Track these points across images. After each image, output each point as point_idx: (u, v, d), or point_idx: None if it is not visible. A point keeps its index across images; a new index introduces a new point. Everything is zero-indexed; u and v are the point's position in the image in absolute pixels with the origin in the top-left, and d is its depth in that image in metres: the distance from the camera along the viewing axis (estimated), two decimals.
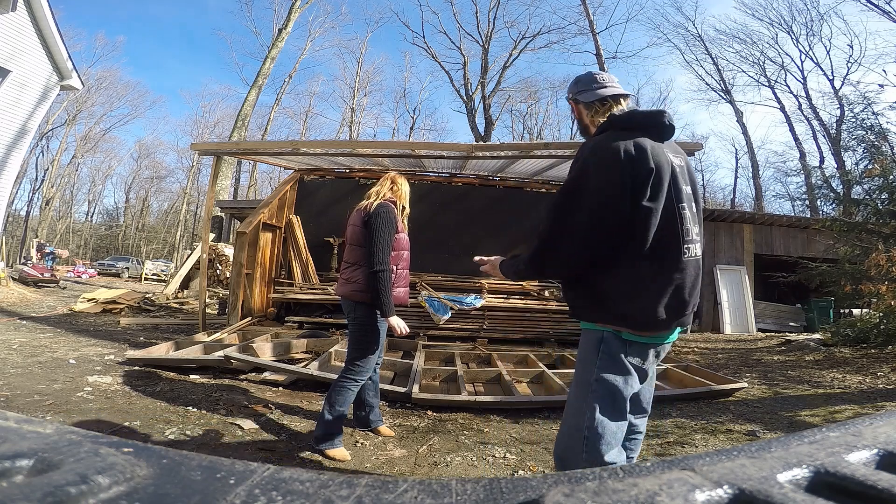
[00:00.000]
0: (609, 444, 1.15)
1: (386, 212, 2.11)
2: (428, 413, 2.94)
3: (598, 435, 1.14)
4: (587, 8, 21.88)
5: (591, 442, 1.14)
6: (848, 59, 22.32)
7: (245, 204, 13.45)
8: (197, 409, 2.73)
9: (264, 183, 33.79)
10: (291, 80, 28.95)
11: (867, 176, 6.32)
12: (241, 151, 6.58)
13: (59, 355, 3.90)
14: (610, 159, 1.11)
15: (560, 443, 1.25)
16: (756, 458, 0.28)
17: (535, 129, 32.77)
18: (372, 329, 2.14)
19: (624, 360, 1.18)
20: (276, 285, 6.17)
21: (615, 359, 1.19)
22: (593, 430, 1.14)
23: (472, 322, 5.63)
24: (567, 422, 1.23)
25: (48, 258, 14.04)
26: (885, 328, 5.34)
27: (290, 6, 18.97)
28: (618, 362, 1.18)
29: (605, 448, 1.14)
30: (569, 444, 1.20)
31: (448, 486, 0.25)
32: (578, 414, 1.18)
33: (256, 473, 0.25)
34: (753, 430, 2.75)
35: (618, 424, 1.17)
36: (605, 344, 1.19)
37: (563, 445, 1.23)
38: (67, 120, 30.04)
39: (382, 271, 2.04)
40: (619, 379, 1.18)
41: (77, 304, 7.40)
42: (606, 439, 1.14)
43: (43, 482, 0.22)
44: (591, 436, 1.14)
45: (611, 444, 1.15)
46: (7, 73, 9.20)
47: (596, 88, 1.30)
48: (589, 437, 1.14)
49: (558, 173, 6.46)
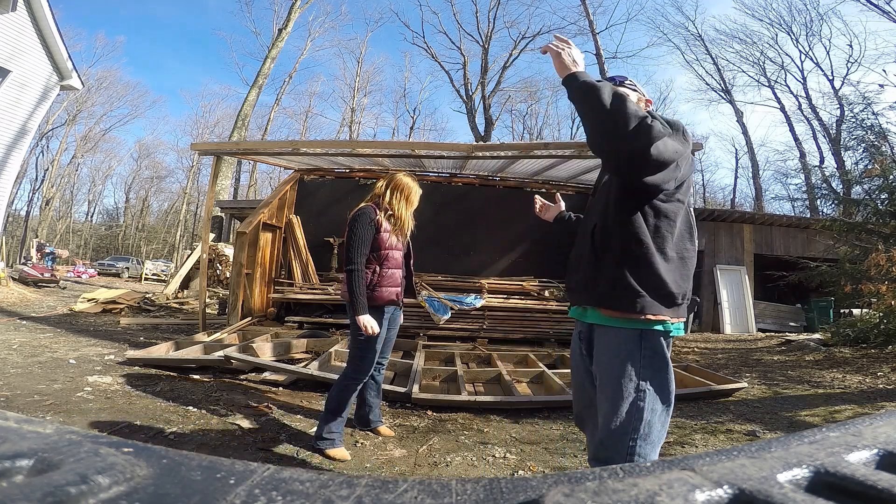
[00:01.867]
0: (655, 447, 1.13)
1: (361, 213, 2.14)
2: (428, 413, 2.94)
3: (645, 439, 1.11)
4: (587, 8, 21.89)
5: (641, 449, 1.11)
6: (848, 59, 22.33)
7: (245, 204, 13.45)
8: (197, 409, 2.73)
9: (264, 183, 33.83)
10: (291, 80, 29.00)
11: (867, 176, 6.33)
12: (241, 151, 6.59)
13: (59, 355, 3.90)
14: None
15: (602, 450, 1.17)
16: (756, 458, 0.28)
17: (535, 129, 32.81)
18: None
19: (666, 353, 1.16)
20: (276, 285, 6.17)
21: (661, 354, 1.16)
22: (642, 435, 1.11)
23: (472, 322, 5.63)
24: (610, 428, 1.15)
25: (48, 258, 14.05)
26: (885, 328, 5.34)
27: (290, 6, 18.98)
28: (663, 357, 1.16)
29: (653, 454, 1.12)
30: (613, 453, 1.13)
31: (448, 486, 0.25)
32: (625, 420, 1.11)
33: (256, 473, 0.25)
34: (753, 430, 2.75)
35: (665, 422, 1.15)
36: (646, 339, 1.15)
37: (605, 453, 1.16)
38: (67, 120, 30.05)
39: (352, 270, 2.07)
40: (666, 375, 1.16)
41: (77, 304, 7.40)
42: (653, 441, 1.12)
43: (43, 482, 0.22)
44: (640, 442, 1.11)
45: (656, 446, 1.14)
46: (7, 73, 9.20)
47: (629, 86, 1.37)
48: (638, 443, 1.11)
49: (558, 173, 6.47)
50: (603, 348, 1.21)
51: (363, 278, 2.09)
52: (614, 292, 1.16)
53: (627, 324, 1.16)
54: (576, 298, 1.31)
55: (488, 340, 5.46)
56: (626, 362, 1.14)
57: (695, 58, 26.98)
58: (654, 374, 1.13)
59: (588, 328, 1.29)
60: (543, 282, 6.36)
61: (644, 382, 1.12)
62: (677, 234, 1.18)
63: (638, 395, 1.12)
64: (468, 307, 5.55)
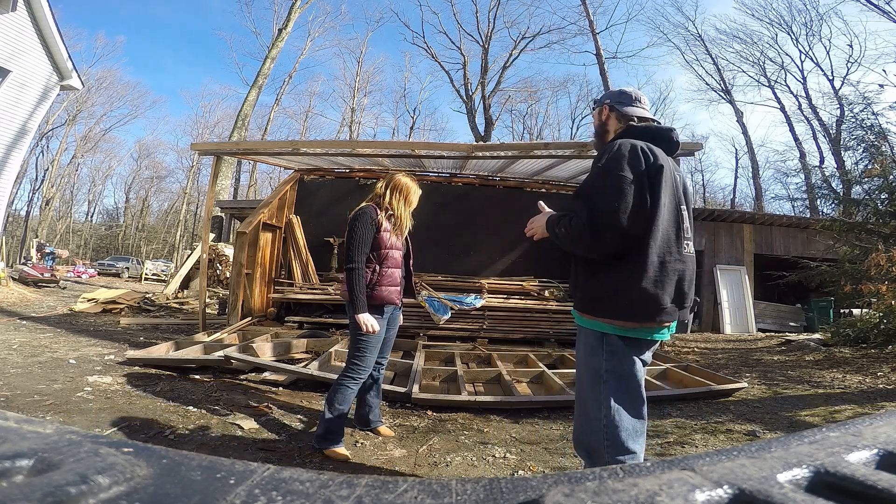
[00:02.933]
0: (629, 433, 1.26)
1: (362, 213, 2.15)
2: (428, 413, 2.94)
3: (616, 426, 1.25)
4: (587, 8, 21.89)
5: (610, 433, 1.25)
6: (848, 59, 22.34)
7: (245, 204, 13.45)
8: (197, 409, 2.73)
9: (264, 183, 33.83)
10: (291, 80, 29.04)
11: (867, 176, 6.32)
12: (241, 151, 6.58)
13: (59, 355, 3.90)
14: (632, 153, 1.27)
15: (580, 435, 1.36)
16: (756, 458, 0.28)
17: (535, 129, 32.82)
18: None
19: (628, 352, 1.30)
20: (276, 285, 6.17)
21: (621, 354, 1.29)
22: (611, 421, 1.25)
23: (472, 322, 5.62)
24: (585, 416, 1.34)
25: (48, 258, 14.04)
26: (885, 328, 5.34)
27: (290, 6, 18.97)
28: (624, 357, 1.30)
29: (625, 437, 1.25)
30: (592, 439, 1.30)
31: (448, 486, 0.25)
32: (595, 408, 1.29)
33: (256, 473, 0.25)
34: (753, 430, 2.75)
35: (636, 411, 1.28)
36: (607, 342, 1.30)
37: (584, 438, 1.35)
38: (67, 120, 30.04)
39: (352, 269, 2.08)
40: (629, 370, 1.29)
41: (77, 304, 7.40)
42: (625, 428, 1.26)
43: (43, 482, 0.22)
44: (609, 427, 1.25)
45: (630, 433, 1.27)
46: (7, 73, 9.20)
47: (637, 106, 1.49)
48: (608, 427, 1.25)
49: (558, 173, 6.47)
50: (578, 345, 1.41)
51: (363, 277, 2.10)
52: (583, 297, 1.35)
53: (593, 325, 1.32)
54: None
55: (488, 340, 5.45)
56: (591, 358, 1.32)
57: (695, 58, 27.02)
58: (614, 368, 1.28)
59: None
60: (543, 282, 6.36)
61: (607, 374, 1.28)
62: (660, 239, 1.25)
63: (603, 387, 1.28)
64: (468, 307, 5.55)
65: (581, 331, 1.39)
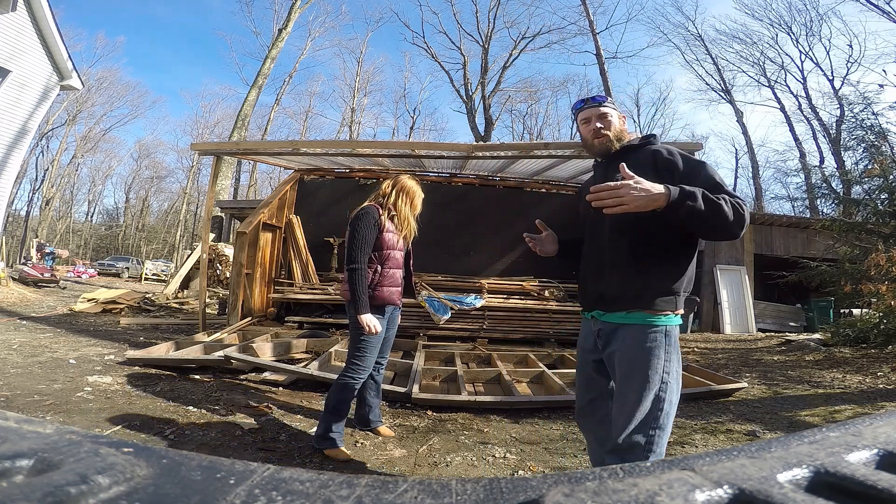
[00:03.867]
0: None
1: (365, 213, 2.15)
2: (428, 413, 2.94)
3: (663, 429, 1.24)
4: (587, 8, 21.89)
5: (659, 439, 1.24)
6: (848, 59, 22.33)
7: (245, 204, 13.45)
8: (197, 409, 2.73)
9: (264, 183, 33.82)
10: (291, 80, 29.02)
11: (867, 176, 6.32)
12: (241, 151, 6.59)
13: (59, 355, 3.90)
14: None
15: (627, 439, 1.26)
16: (756, 458, 0.28)
17: (535, 129, 32.81)
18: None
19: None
20: (276, 285, 6.17)
21: (677, 346, 1.31)
22: (661, 425, 1.23)
23: (472, 322, 5.63)
24: (632, 419, 1.25)
25: (48, 258, 14.04)
26: (885, 328, 5.34)
27: (290, 6, 18.98)
28: (678, 349, 1.31)
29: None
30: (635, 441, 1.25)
31: (448, 486, 0.25)
32: (648, 412, 1.24)
33: (256, 473, 0.25)
34: (753, 430, 2.75)
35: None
36: (668, 336, 1.28)
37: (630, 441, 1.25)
38: (67, 120, 30.04)
39: (354, 269, 2.07)
40: (679, 369, 1.30)
41: (77, 304, 7.40)
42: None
43: (43, 482, 0.22)
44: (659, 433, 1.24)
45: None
46: (7, 73, 9.20)
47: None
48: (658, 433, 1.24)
49: (558, 173, 6.47)
50: (630, 344, 1.29)
51: (365, 277, 2.10)
52: (656, 293, 1.28)
53: (655, 319, 1.28)
54: (597, 303, 1.40)
55: (488, 340, 5.45)
56: (652, 356, 1.25)
57: (695, 58, 27.02)
58: (675, 368, 1.26)
59: (608, 326, 1.36)
60: (543, 282, 6.36)
61: (667, 375, 1.24)
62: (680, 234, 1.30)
63: (661, 387, 1.24)
64: (468, 307, 5.55)
65: (637, 331, 1.28)
